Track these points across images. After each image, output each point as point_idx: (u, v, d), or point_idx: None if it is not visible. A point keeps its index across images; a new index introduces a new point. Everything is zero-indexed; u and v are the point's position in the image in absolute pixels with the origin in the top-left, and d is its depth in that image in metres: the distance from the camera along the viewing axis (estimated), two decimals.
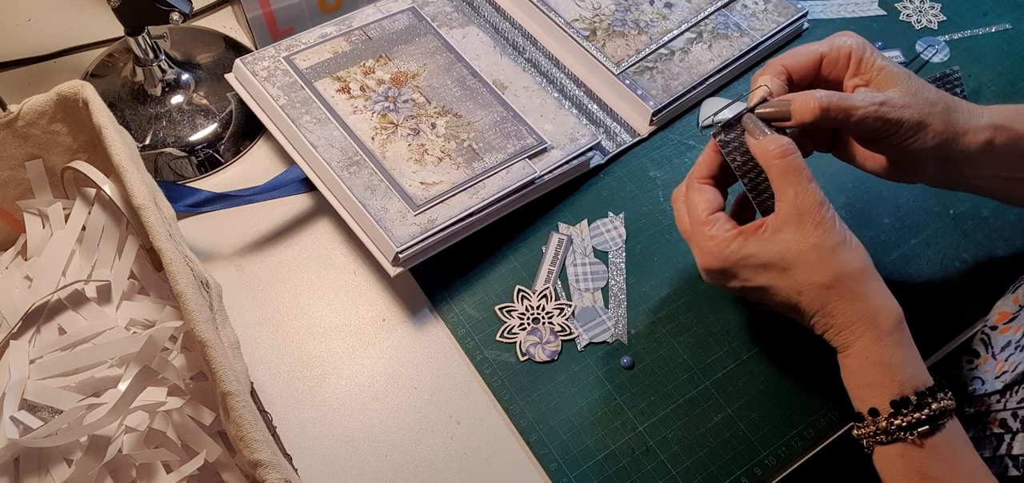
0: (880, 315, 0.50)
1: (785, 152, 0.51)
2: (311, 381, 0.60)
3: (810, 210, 0.50)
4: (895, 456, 0.49)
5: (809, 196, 0.50)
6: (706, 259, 0.53)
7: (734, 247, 0.52)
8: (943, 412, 0.48)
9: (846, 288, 0.50)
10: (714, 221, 0.53)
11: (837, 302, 0.50)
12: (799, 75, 0.56)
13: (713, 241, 0.52)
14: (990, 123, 0.54)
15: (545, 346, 0.61)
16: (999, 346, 0.58)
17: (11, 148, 0.57)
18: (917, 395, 0.48)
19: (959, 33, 0.82)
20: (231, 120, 0.74)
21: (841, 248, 0.50)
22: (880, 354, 0.50)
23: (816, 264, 0.50)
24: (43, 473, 0.50)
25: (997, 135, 0.54)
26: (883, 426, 0.49)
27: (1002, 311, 0.60)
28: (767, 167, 0.52)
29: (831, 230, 0.50)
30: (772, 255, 0.51)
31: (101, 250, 0.57)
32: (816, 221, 0.50)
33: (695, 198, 0.54)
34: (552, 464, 0.56)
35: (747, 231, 0.52)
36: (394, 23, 0.75)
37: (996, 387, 0.56)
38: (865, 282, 0.50)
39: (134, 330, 0.55)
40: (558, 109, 0.71)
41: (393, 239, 0.60)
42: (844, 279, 0.50)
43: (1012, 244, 0.67)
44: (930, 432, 0.48)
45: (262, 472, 0.43)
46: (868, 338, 0.50)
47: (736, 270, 0.52)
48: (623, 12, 0.78)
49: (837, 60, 0.56)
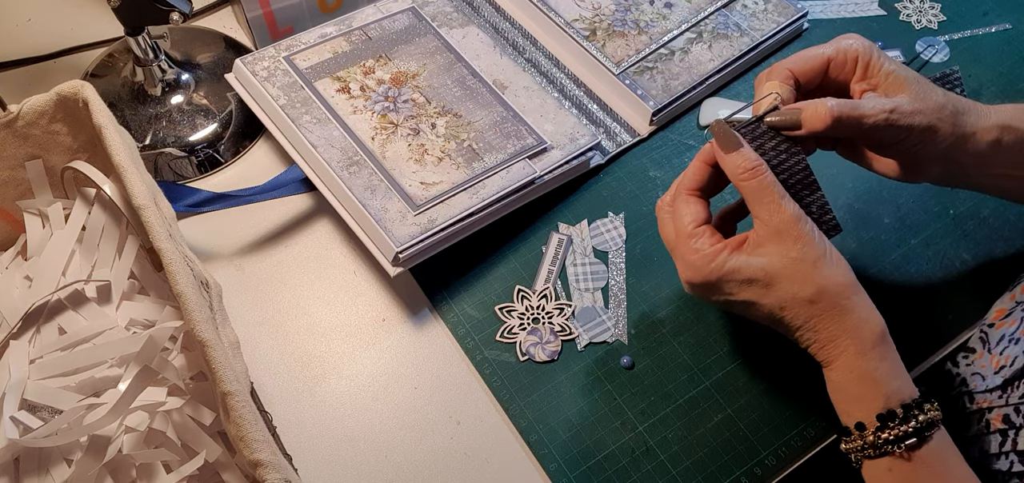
0: (863, 329, 0.50)
1: (755, 172, 0.51)
2: (311, 381, 0.60)
3: (787, 227, 0.50)
4: (883, 470, 0.49)
5: (783, 213, 0.50)
6: (690, 273, 0.53)
7: (718, 262, 0.51)
8: (930, 423, 0.48)
9: (829, 302, 0.50)
10: (700, 234, 0.53)
11: (820, 317, 0.50)
12: (806, 79, 0.55)
13: (697, 255, 0.52)
14: (997, 123, 0.54)
15: (545, 346, 0.61)
16: (995, 340, 0.58)
17: (11, 148, 0.57)
18: (903, 408, 0.48)
19: (959, 33, 0.82)
20: (231, 120, 0.74)
21: (822, 262, 0.50)
22: (864, 368, 0.49)
23: (799, 279, 0.50)
24: (43, 473, 0.50)
25: (1004, 135, 0.54)
26: (870, 440, 0.49)
27: (999, 308, 0.60)
28: (736, 185, 0.52)
29: (810, 244, 0.50)
30: (755, 271, 0.50)
31: (101, 250, 0.57)
32: (794, 236, 0.50)
33: (681, 209, 0.54)
34: (552, 464, 0.56)
35: (731, 245, 0.52)
36: (394, 23, 0.75)
37: (996, 383, 0.56)
38: (848, 296, 0.50)
39: (134, 330, 0.55)
40: (558, 109, 0.71)
41: (393, 239, 0.60)
42: (827, 293, 0.50)
43: (1012, 244, 0.67)
44: (918, 445, 0.48)
45: (262, 472, 0.43)
46: (852, 352, 0.50)
47: (720, 285, 0.52)
48: (623, 12, 0.78)
49: (844, 63, 0.55)
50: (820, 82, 0.56)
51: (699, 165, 0.55)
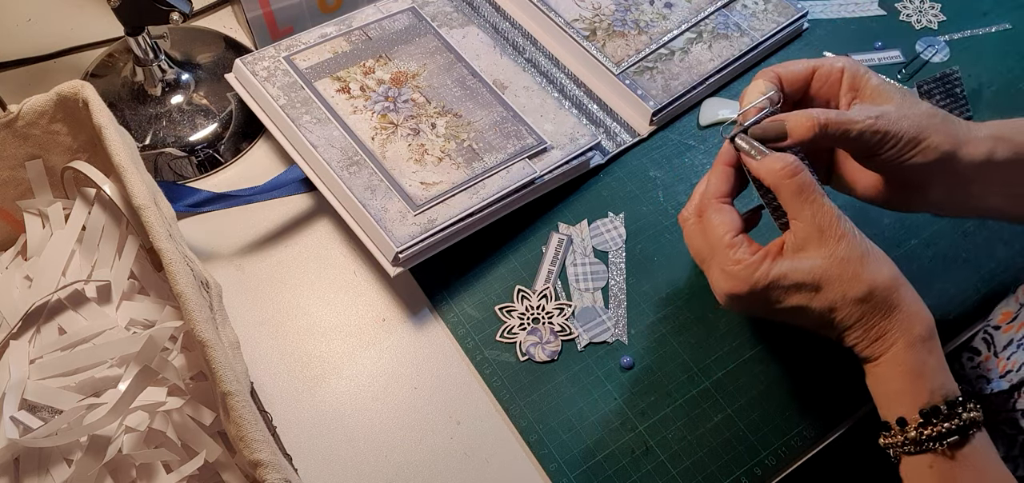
0: (915, 323, 0.49)
1: (795, 170, 0.50)
2: (311, 381, 0.60)
3: (830, 225, 0.49)
4: (924, 467, 0.48)
5: (827, 212, 0.49)
6: (732, 283, 0.51)
7: (762, 271, 0.50)
8: (973, 422, 0.47)
9: (881, 299, 0.49)
10: (738, 244, 0.51)
11: (873, 315, 0.49)
12: (791, 85, 0.55)
13: (740, 265, 0.50)
14: (989, 134, 0.53)
15: (545, 346, 0.61)
16: (1001, 344, 0.58)
17: (11, 148, 0.57)
18: (948, 405, 0.47)
19: (959, 33, 0.82)
20: (231, 120, 0.74)
21: (868, 259, 0.49)
22: (911, 361, 0.48)
23: (848, 278, 0.49)
24: (43, 473, 0.50)
25: (998, 146, 0.53)
26: (912, 436, 0.48)
27: (1005, 311, 0.60)
28: (776, 188, 0.50)
29: (854, 243, 0.49)
30: (804, 274, 0.49)
31: (101, 250, 0.57)
32: (838, 235, 0.49)
33: (715, 220, 0.52)
34: (552, 464, 0.56)
35: (771, 252, 0.50)
36: (394, 23, 0.75)
37: (1003, 386, 0.56)
38: (897, 290, 0.49)
39: (134, 330, 0.55)
40: (558, 109, 0.71)
41: (393, 239, 0.60)
42: (878, 290, 0.49)
43: (1012, 244, 0.67)
44: (960, 443, 0.47)
45: (262, 472, 0.43)
46: (901, 346, 0.49)
47: (767, 293, 0.50)
48: (623, 12, 0.78)
49: (829, 75, 0.54)
50: (804, 93, 0.55)
51: (724, 169, 0.53)
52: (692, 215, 0.55)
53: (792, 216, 0.50)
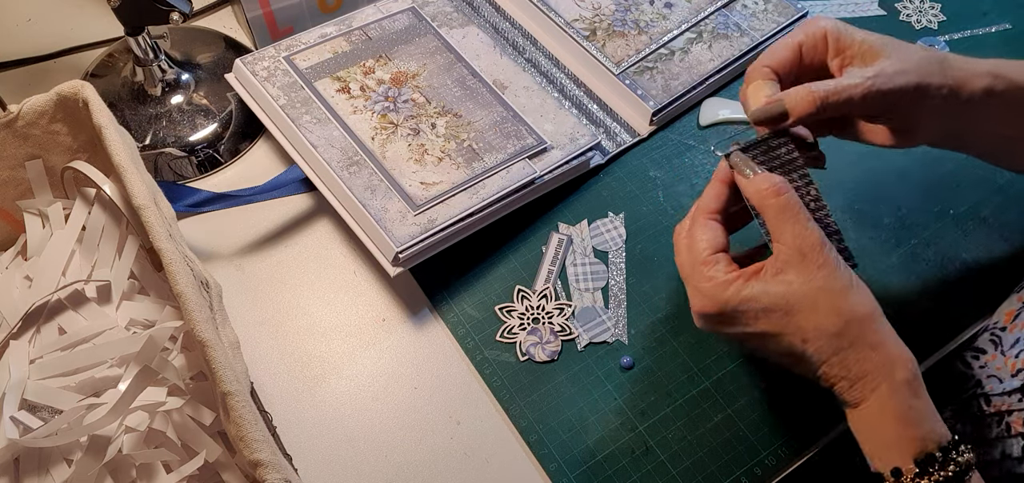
0: (897, 366, 0.47)
1: (780, 190, 0.48)
2: (311, 381, 0.60)
3: (812, 250, 0.47)
4: None
5: (810, 235, 0.47)
6: (702, 302, 0.49)
7: (733, 290, 0.48)
8: (968, 466, 0.45)
9: (857, 334, 0.47)
10: (715, 261, 0.49)
11: (849, 351, 0.47)
12: (784, 70, 0.54)
13: (710, 283, 0.49)
14: (988, 70, 0.53)
15: (545, 346, 0.61)
16: (1009, 343, 0.58)
17: (11, 148, 0.57)
18: (941, 451, 0.46)
19: (959, 33, 0.82)
20: (231, 120, 0.74)
21: (849, 291, 0.47)
22: (898, 407, 0.46)
23: (824, 308, 0.46)
24: (43, 473, 0.50)
25: (996, 83, 0.52)
26: None
27: (1008, 310, 0.60)
28: (761, 207, 0.49)
29: (836, 271, 0.47)
30: (774, 299, 0.47)
31: (101, 250, 0.57)
32: (819, 262, 0.47)
33: (698, 234, 0.51)
34: (552, 464, 0.56)
35: (747, 273, 0.48)
36: (394, 23, 0.75)
37: (1014, 385, 0.55)
38: (876, 328, 0.47)
39: (134, 330, 0.55)
40: (558, 109, 0.71)
41: (393, 239, 0.60)
42: (854, 324, 0.46)
43: (1012, 244, 0.67)
44: None
45: (262, 472, 0.43)
46: (885, 391, 0.46)
47: (734, 315, 0.48)
48: (623, 12, 0.78)
49: (815, 44, 0.54)
50: (797, 70, 0.55)
51: (717, 185, 0.52)
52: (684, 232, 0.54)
53: (774, 237, 0.49)
